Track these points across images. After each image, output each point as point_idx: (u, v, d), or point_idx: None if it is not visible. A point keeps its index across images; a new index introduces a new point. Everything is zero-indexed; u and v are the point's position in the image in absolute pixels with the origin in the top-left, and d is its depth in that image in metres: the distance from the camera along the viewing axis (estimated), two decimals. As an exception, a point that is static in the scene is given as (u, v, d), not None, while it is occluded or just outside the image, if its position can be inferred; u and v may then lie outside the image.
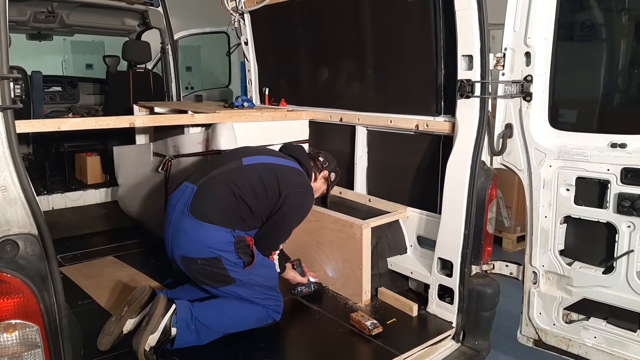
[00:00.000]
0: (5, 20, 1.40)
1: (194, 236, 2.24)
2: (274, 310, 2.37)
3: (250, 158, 2.46)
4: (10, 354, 1.45)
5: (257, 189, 2.35)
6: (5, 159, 1.43)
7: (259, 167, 2.43)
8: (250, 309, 2.31)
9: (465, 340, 2.46)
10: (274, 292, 2.41)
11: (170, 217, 2.34)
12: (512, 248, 4.93)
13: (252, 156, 2.49)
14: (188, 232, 2.25)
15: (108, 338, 2.13)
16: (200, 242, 2.23)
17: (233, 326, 2.29)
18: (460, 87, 2.31)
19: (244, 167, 2.42)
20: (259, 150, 2.64)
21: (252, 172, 2.40)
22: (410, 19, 2.66)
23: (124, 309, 2.21)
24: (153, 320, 2.10)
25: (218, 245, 2.24)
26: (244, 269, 2.28)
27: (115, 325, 2.16)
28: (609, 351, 2.12)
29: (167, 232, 2.35)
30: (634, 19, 2.18)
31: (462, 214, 2.35)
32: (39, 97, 4.26)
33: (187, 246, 2.25)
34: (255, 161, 2.46)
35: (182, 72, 5.44)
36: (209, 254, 2.22)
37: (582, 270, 2.17)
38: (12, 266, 1.41)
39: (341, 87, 3.24)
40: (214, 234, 2.24)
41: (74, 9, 4.47)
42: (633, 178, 1.96)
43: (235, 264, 2.26)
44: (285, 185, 2.38)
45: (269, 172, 2.41)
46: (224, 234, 2.26)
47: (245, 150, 2.60)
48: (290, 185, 2.40)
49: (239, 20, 3.70)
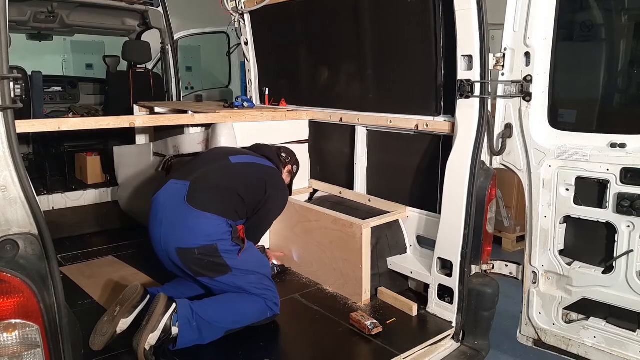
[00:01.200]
0: (5, 20, 1.40)
1: (192, 225, 2.27)
2: (271, 301, 2.39)
3: (236, 157, 2.61)
4: (10, 354, 1.45)
5: (249, 186, 2.51)
6: (5, 159, 1.43)
7: (247, 166, 2.61)
8: (248, 301, 2.33)
9: (465, 340, 2.46)
10: (269, 282, 2.45)
11: (160, 215, 2.34)
12: (511, 248, 4.93)
13: (237, 155, 2.64)
14: (186, 221, 2.28)
15: (101, 338, 2.13)
16: (199, 230, 2.27)
17: (234, 321, 2.30)
18: (460, 87, 2.31)
19: (234, 165, 2.56)
20: (240, 151, 2.78)
21: (243, 169, 2.57)
22: (410, 19, 2.66)
23: (116, 308, 2.19)
24: (153, 319, 2.09)
25: (215, 234, 2.29)
26: (238, 254, 2.32)
27: (108, 326, 2.15)
28: (608, 351, 2.12)
29: (157, 231, 2.34)
30: (634, 19, 2.19)
31: (462, 213, 2.36)
32: (39, 97, 4.25)
33: (185, 236, 2.27)
34: (242, 160, 2.62)
35: (182, 72, 5.43)
36: (206, 241, 2.26)
37: (582, 270, 2.17)
38: (12, 266, 1.41)
39: (341, 87, 3.24)
40: (212, 222, 2.30)
41: (74, 9, 4.47)
42: (632, 178, 1.96)
43: (230, 251, 2.31)
44: (271, 184, 2.59)
45: (256, 171, 2.62)
46: (222, 223, 2.32)
47: (228, 150, 2.74)
48: (274, 184, 2.63)
49: (239, 20, 3.71)
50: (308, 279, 2.98)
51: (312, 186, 3.48)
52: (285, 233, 3.13)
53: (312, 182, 3.48)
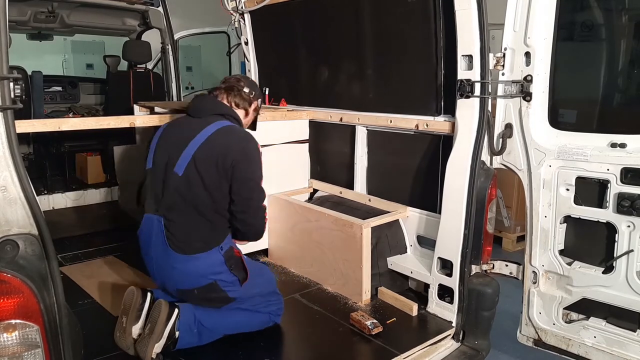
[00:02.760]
0: (5, 20, 1.40)
1: (183, 270, 2.16)
2: (275, 314, 2.39)
3: (178, 164, 2.17)
4: (10, 354, 1.45)
5: (210, 190, 2.15)
6: (5, 159, 1.43)
7: (191, 167, 2.15)
8: (253, 316, 2.32)
9: (465, 340, 2.46)
10: (275, 296, 2.42)
11: (149, 252, 2.24)
12: (512, 248, 4.92)
13: (178, 160, 2.18)
14: (176, 267, 2.17)
15: (129, 351, 2.12)
16: (192, 274, 2.17)
17: (235, 328, 2.30)
18: (460, 87, 2.31)
19: (182, 177, 2.16)
20: (179, 144, 2.22)
21: (192, 176, 2.15)
22: (410, 19, 2.66)
23: (122, 320, 2.15)
24: (157, 329, 2.07)
25: (210, 270, 2.17)
26: (241, 285, 2.24)
27: (125, 340, 2.12)
28: (608, 351, 2.12)
29: (150, 266, 2.28)
30: (634, 19, 2.18)
31: (462, 213, 2.35)
32: (39, 97, 4.26)
33: (180, 280, 2.20)
34: (185, 163, 2.16)
35: (182, 72, 5.43)
36: (204, 282, 2.17)
37: (582, 270, 2.17)
38: (12, 266, 1.41)
39: (341, 87, 3.24)
40: (204, 262, 2.17)
41: (74, 9, 4.46)
42: (633, 178, 1.96)
43: (231, 282, 2.22)
44: (227, 152, 2.15)
45: (206, 161, 2.15)
46: (213, 256, 2.18)
47: (170, 156, 2.22)
48: (232, 150, 2.17)
49: (239, 20, 3.70)
50: (308, 279, 2.98)
51: (312, 186, 3.48)
52: (284, 233, 3.13)
53: (312, 182, 3.48)
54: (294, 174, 3.39)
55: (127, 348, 2.12)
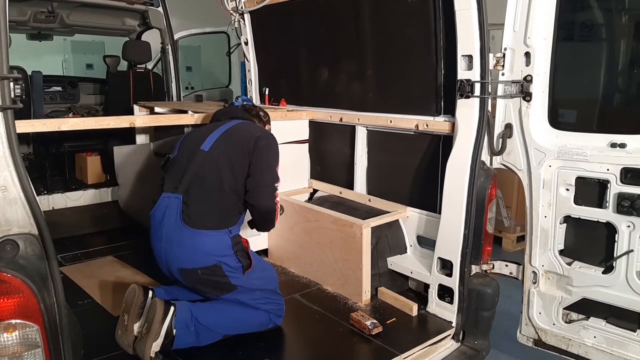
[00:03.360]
0: (5, 20, 1.40)
1: (191, 245, 2.20)
2: (275, 314, 2.37)
3: (207, 141, 2.38)
4: (10, 354, 1.45)
5: (233, 165, 2.30)
6: (5, 159, 1.43)
7: (219, 144, 2.36)
8: (252, 313, 2.31)
9: (465, 340, 2.46)
10: (275, 295, 2.41)
11: (159, 233, 2.28)
12: (511, 248, 4.93)
13: (207, 138, 2.40)
14: (185, 243, 2.20)
15: (128, 349, 2.12)
16: (199, 251, 2.20)
17: (234, 328, 2.29)
18: (460, 87, 2.31)
19: (208, 152, 2.34)
20: (210, 129, 2.49)
21: (217, 149, 2.34)
22: (410, 19, 2.66)
23: (124, 318, 2.15)
24: (154, 327, 2.07)
25: (217, 250, 2.22)
26: (243, 273, 2.26)
27: (126, 338, 2.12)
28: (608, 351, 2.12)
29: (158, 248, 2.30)
30: (634, 19, 2.18)
31: (462, 213, 2.35)
32: (39, 97, 4.26)
33: (185, 257, 2.22)
34: (212, 141, 2.38)
35: (182, 72, 5.43)
36: (209, 261, 2.20)
37: (582, 270, 2.17)
38: (12, 266, 1.41)
39: (341, 87, 3.24)
40: (212, 240, 2.22)
41: (74, 9, 4.47)
42: (633, 178, 1.96)
43: (235, 268, 2.24)
44: (250, 135, 2.40)
45: (231, 138, 2.39)
46: (222, 238, 2.24)
47: (199, 137, 2.44)
48: (255, 133, 2.42)
49: (239, 20, 3.70)
50: (308, 279, 2.98)
51: (312, 186, 3.48)
52: (284, 233, 3.13)
53: (312, 182, 3.48)
54: (293, 174, 3.39)
55: (127, 346, 2.12)
